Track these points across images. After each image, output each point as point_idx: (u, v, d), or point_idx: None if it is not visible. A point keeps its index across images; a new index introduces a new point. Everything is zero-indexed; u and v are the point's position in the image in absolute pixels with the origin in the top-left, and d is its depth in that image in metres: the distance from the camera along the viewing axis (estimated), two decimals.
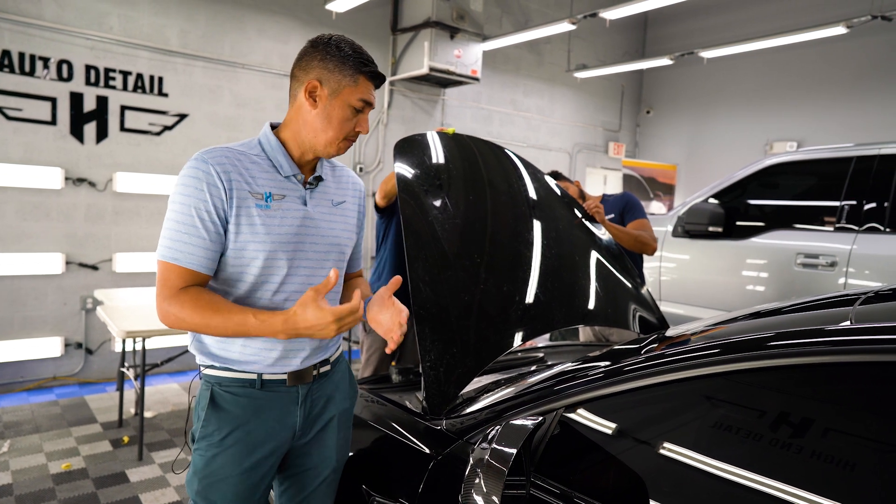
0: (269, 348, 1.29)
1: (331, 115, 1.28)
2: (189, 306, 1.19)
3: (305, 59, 1.29)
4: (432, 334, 1.57)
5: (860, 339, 0.89)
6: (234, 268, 1.26)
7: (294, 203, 1.30)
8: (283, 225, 1.27)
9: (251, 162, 1.27)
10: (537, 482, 1.13)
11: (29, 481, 2.93)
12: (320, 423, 1.39)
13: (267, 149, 1.31)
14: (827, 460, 0.88)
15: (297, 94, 1.31)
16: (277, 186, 1.29)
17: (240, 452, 1.27)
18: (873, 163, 3.32)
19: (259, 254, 1.25)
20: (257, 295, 1.28)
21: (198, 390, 1.34)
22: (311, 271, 1.34)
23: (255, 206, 1.24)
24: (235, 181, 1.23)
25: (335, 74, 1.27)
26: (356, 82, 1.29)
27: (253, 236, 1.24)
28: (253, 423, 1.28)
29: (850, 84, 6.48)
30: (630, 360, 1.20)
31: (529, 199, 2.20)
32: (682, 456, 1.04)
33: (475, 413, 1.43)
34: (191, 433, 1.32)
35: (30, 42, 4.07)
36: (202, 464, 1.27)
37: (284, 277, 1.29)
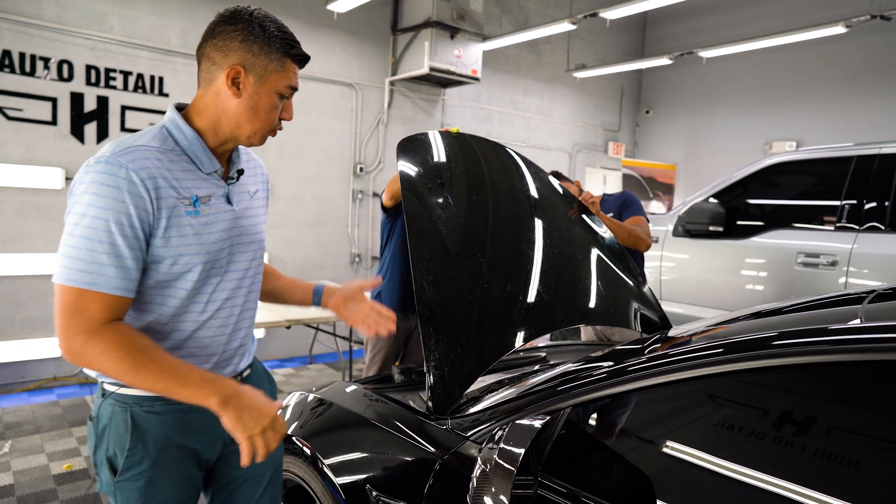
0: (201, 362, 1.19)
1: (257, 105, 1.14)
2: (120, 349, 1.01)
3: (222, 38, 1.12)
4: (436, 334, 1.57)
5: (872, 336, 0.89)
6: (163, 285, 1.11)
7: (220, 203, 1.17)
8: (215, 231, 1.15)
9: (171, 161, 1.10)
10: (544, 482, 1.14)
11: (30, 482, 2.93)
12: None
13: (182, 142, 1.13)
14: (839, 460, 0.89)
15: (213, 78, 1.13)
16: (202, 187, 1.14)
17: (175, 470, 1.17)
18: (874, 162, 3.32)
19: (194, 266, 1.11)
20: (189, 309, 1.15)
21: (102, 411, 1.16)
22: (242, 273, 1.24)
23: (186, 213, 1.09)
24: (163, 188, 1.06)
25: (261, 59, 1.12)
26: (283, 67, 1.15)
27: (186, 248, 1.09)
28: (182, 439, 1.17)
29: (849, 83, 6.49)
30: (636, 360, 1.21)
31: (532, 198, 2.20)
32: (689, 455, 1.04)
33: (480, 413, 1.43)
34: (105, 459, 1.15)
35: (30, 42, 4.07)
36: (136, 495, 1.14)
37: (216, 286, 1.17)
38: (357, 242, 5.90)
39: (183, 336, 1.16)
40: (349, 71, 5.67)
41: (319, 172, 5.58)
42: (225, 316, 1.21)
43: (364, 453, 1.56)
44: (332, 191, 5.70)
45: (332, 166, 5.67)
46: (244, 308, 1.27)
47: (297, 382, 4.80)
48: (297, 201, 5.46)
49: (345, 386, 1.92)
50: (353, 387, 1.90)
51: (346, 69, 5.65)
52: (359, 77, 5.73)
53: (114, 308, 1.04)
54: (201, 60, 1.16)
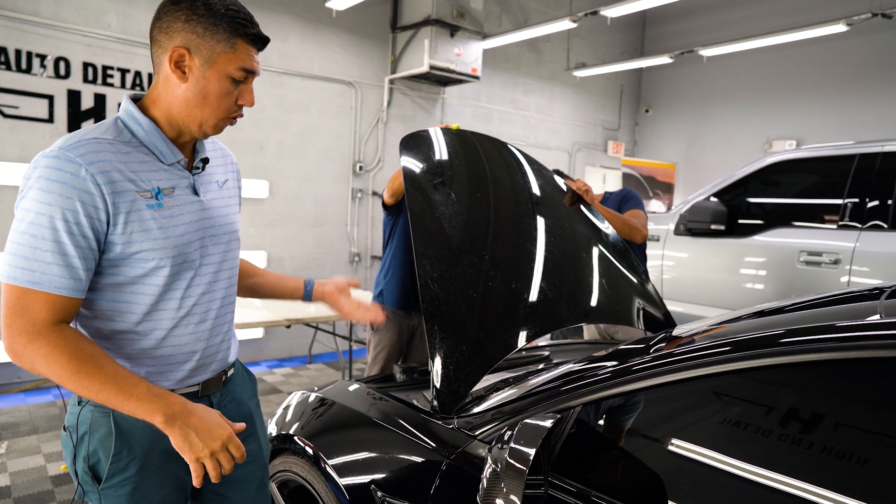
0: (182, 360, 1.15)
1: (206, 89, 1.06)
2: (61, 353, 0.96)
3: (166, 19, 1.05)
4: (441, 332, 1.55)
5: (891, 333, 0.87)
6: (129, 283, 1.06)
7: (185, 195, 1.11)
8: (181, 224, 1.09)
9: (127, 153, 1.04)
10: (554, 481, 1.11)
11: (27, 483, 2.89)
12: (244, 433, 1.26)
13: (139, 133, 1.07)
14: (853, 458, 0.86)
15: (161, 63, 1.06)
16: (163, 178, 1.08)
17: (163, 476, 1.13)
18: (876, 160, 3.31)
19: (161, 261, 1.06)
20: (163, 307, 1.09)
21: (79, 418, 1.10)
22: (216, 267, 1.18)
23: (147, 207, 1.03)
24: (118, 181, 1.00)
25: (206, 40, 1.04)
26: (234, 48, 1.06)
27: (151, 243, 1.04)
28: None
29: (850, 82, 6.48)
30: (650, 358, 1.18)
31: (534, 195, 2.18)
32: (700, 455, 1.02)
33: (487, 412, 1.41)
34: (85, 469, 1.09)
35: (26, 39, 4.03)
36: (123, 499, 1.09)
37: (190, 281, 1.12)
38: (356, 241, 5.88)
39: (160, 335, 1.11)
40: (348, 69, 5.64)
41: (318, 171, 5.55)
42: (202, 312, 1.16)
43: (368, 453, 1.53)
44: (332, 190, 5.67)
45: (332, 165, 5.64)
46: (223, 303, 1.22)
47: (296, 382, 4.78)
48: (296, 200, 5.43)
49: (347, 385, 1.89)
50: (355, 386, 1.88)
51: (346, 67, 5.62)
52: (358, 75, 5.70)
53: (59, 309, 0.99)
54: (152, 46, 1.09)
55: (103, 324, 1.08)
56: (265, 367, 5.16)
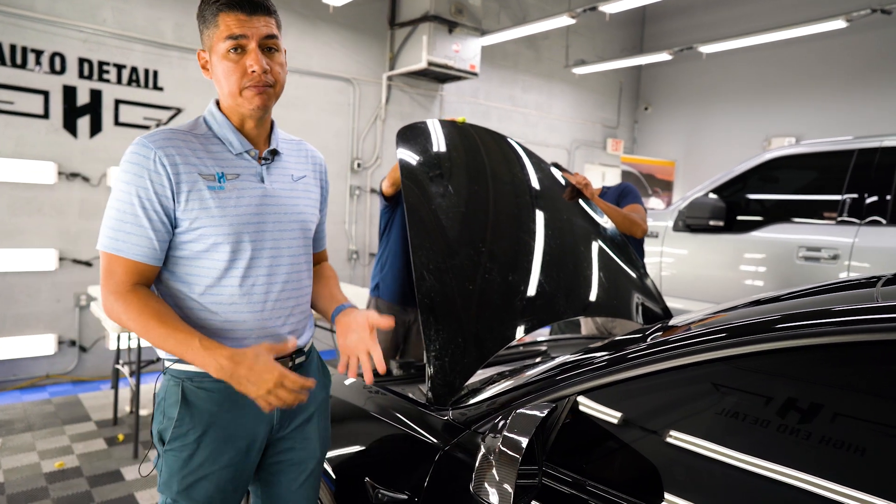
0: (241, 336, 1.22)
1: (218, 74, 1.19)
2: (134, 309, 1.12)
3: None
4: (437, 324, 1.53)
5: (890, 316, 0.86)
6: (195, 257, 1.18)
7: (250, 181, 1.22)
8: (241, 205, 1.19)
9: (198, 142, 1.19)
10: (548, 470, 1.10)
11: (21, 480, 2.87)
12: (301, 416, 1.32)
13: (214, 126, 1.23)
14: (850, 447, 0.85)
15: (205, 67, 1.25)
16: (230, 165, 1.20)
17: (218, 449, 1.20)
18: (875, 156, 3.30)
19: (220, 238, 1.17)
20: (224, 283, 1.19)
21: (161, 386, 1.25)
22: (277, 252, 1.25)
23: (208, 188, 1.16)
24: (182, 165, 1.14)
25: (207, 30, 1.19)
26: (218, 25, 1.17)
27: (209, 220, 1.16)
28: (228, 418, 1.20)
29: (849, 79, 6.47)
30: (640, 347, 1.17)
31: (533, 189, 2.16)
32: (694, 444, 1.01)
33: (482, 403, 1.39)
34: (157, 432, 1.22)
35: (21, 34, 4.01)
36: (178, 465, 1.19)
37: (250, 261, 1.21)
38: (354, 239, 5.86)
39: (220, 309, 1.20)
40: (346, 66, 5.62)
41: None
42: (262, 292, 1.23)
43: (363, 445, 1.52)
44: (329, 187, 5.64)
45: (329, 162, 5.62)
46: (284, 287, 1.27)
47: None
48: None
49: (343, 379, 1.87)
50: (351, 380, 1.86)
51: (343, 64, 5.60)
52: (356, 72, 5.68)
53: (137, 273, 1.15)
54: None
55: (175, 292, 1.21)
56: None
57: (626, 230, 2.70)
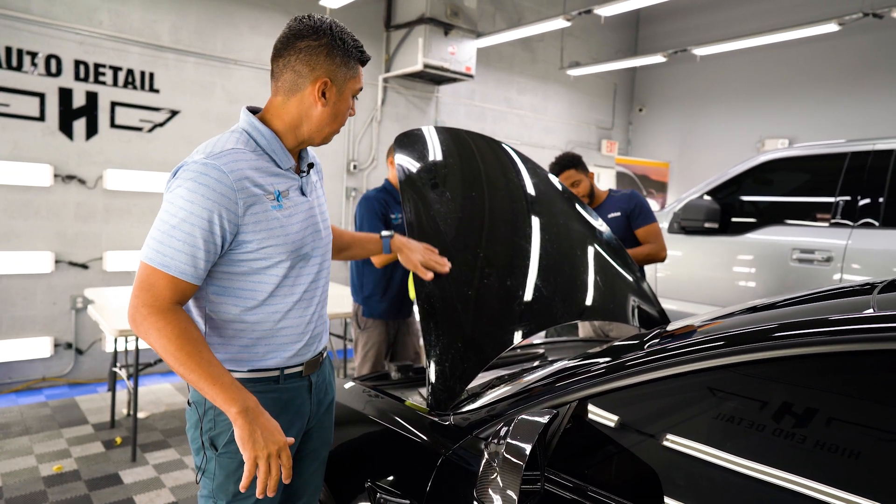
0: (293, 341, 1.30)
1: (338, 110, 1.27)
2: (172, 331, 1.12)
3: (308, 53, 1.22)
4: (437, 329, 1.54)
5: (890, 326, 0.88)
6: (253, 273, 1.22)
7: (297, 195, 1.28)
8: (296, 222, 1.25)
9: (256, 160, 1.22)
10: (550, 476, 1.12)
11: (19, 484, 2.87)
12: (323, 407, 1.43)
13: (262, 142, 1.24)
14: (849, 453, 0.87)
15: (299, 88, 1.24)
16: (281, 182, 1.25)
17: None
18: (868, 158, 3.33)
19: (283, 256, 1.22)
20: (277, 295, 1.25)
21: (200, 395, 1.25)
22: (321, 259, 1.34)
23: (272, 207, 1.20)
24: (250, 187, 1.17)
25: (342, 70, 1.25)
26: (356, 74, 1.28)
27: (276, 240, 1.21)
28: (279, 418, 1.24)
29: (841, 81, 6.52)
30: (639, 354, 1.19)
31: (530, 194, 2.18)
32: (695, 450, 1.03)
33: (483, 408, 1.41)
34: (208, 438, 1.25)
35: (17, 36, 4.00)
36: (235, 465, 1.23)
37: (301, 271, 1.28)
38: None
39: (276, 318, 1.26)
40: None
41: None
42: (310, 298, 1.32)
43: (364, 450, 1.53)
44: (326, 188, 5.64)
45: (326, 164, 5.63)
46: (323, 290, 1.39)
47: None
48: None
49: (342, 383, 1.89)
50: (350, 384, 1.88)
51: None
52: None
53: (178, 291, 1.15)
54: (284, 72, 1.25)
55: (232, 306, 1.24)
56: None
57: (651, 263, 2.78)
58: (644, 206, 2.96)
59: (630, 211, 2.92)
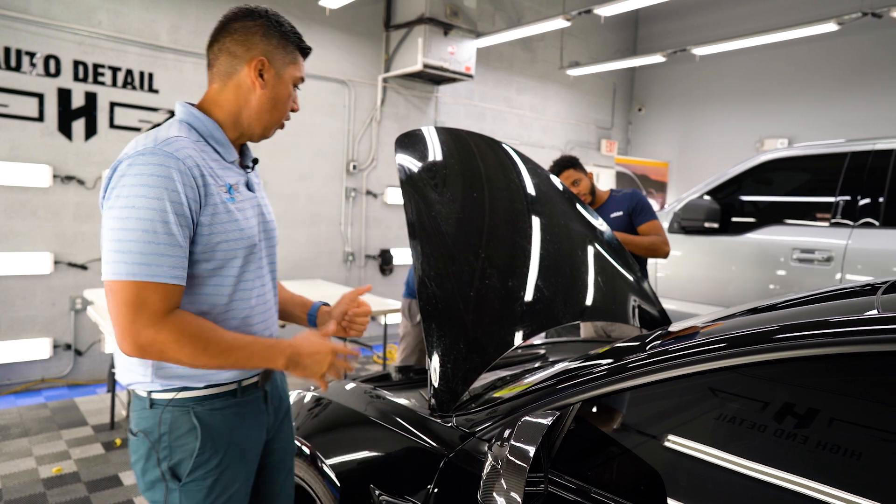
0: None
1: (278, 95, 1.20)
2: (189, 332, 1.03)
3: (243, 33, 1.16)
4: (439, 330, 1.54)
5: (893, 327, 0.88)
6: (214, 272, 1.12)
7: (245, 191, 1.20)
8: (249, 217, 1.18)
9: (202, 150, 1.13)
10: (553, 478, 1.11)
11: (18, 486, 2.86)
12: (280, 416, 1.37)
13: (205, 132, 1.16)
14: (853, 454, 0.87)
15: (234, 71, 1.17)
16: (230, 175, 1.17)
17: (237, 467, 1.20)
18: (868, 158, 3.33)
19: (235, 252, 1.13)
20: (238, 297, 1.17)
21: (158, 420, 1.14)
22: (270, 259, 1.28)
23: (226, 200, 1.12)
24: (207, 175, 1.08)
25: (280, 52, 1.19)
26: (296, 60, 1.23)
27: (231, 233, 1.12)
28: (241, 434, 1.20)
29: (840, 81, 6.53)
30: (641, 356, 1.18)
31: (530, 194, 2.18)
32: (699, 451, 1.02)
33: (485, 409, 1.41)
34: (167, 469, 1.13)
35: (16, 37, 3.99)
36: (203, 494, 1.15)
37: (256, 272, 1.21)
38: (350, 241, 5.86)
39: (237, 324, 1.18)
40: (342, 68, 5.62)
41: (312, 170, 5.53)
42: (265, 301, 1.26)
43: (366, 452, 1.53)
44: (325, 189, 5.65)
45: (325, 164, 5.62)
46: (274, 293, 1.32)
47: (291, 382, 4.74)
48: (289, 199, 5.40)
49: (344, 384, 1.88)
50: (351, 385, 1.87)
51: (339, 66, 5.60)
52: (352, 74, 5.68)
53: (173, 296, 1.05)
54: (219, 55, 1.19)
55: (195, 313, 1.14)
56: None
57: (652, 256, 2.77)
58: (645, 203, 2.97)
59: (632, 209, 2.93)
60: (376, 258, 6.04)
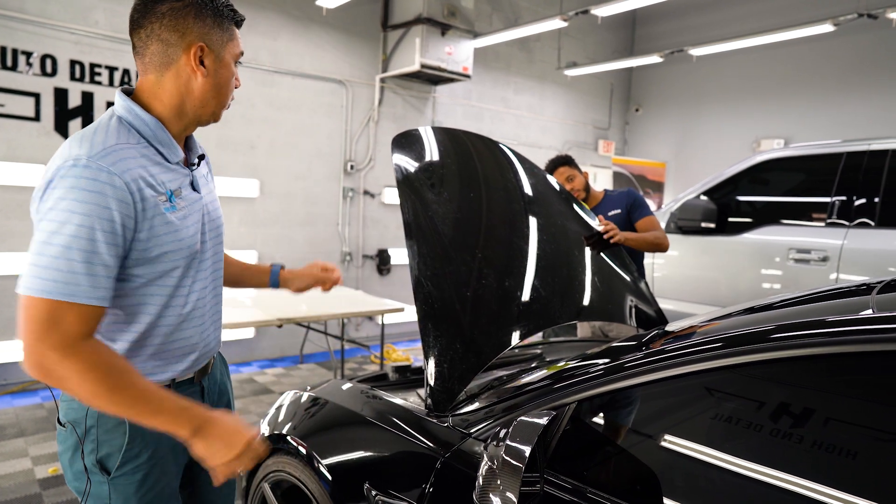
0: (187, 352, 1.18)
1: (221, 79, 1.11)
2: (101, 369, 0.95)
3: (172, 17, 1.05)
4: (435, 330, 1.54)
5: (889, 327, 0.88)
6: (148, 284, 1.07)
7: (189, 192, 1.13)
8: (191, 224, 1.11)
9: (142, 156, 1.05)
10: (548, 477, 1.11)
11: (14, 486, 2.86)
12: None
13: (146, 132, 1.07)
14: (848, 454, 0.87)
15: (172, 60, 1.07)
16: (172, 179, 1.09)
17: (169, 460, 1.17)
18: (863, 159, 3.35)
19: (176, 262, 1.08)
20: (172, 304, 1.11)
21: (79, 415, 1.10)
22: (212, 260, 1.22)
23: (165, 210, 1.05)
24: (144, 189, 1.02)
25: (217, 32, 1.09)
26: (233, 36, 1.13)
27: (170, 245, 1.06)
28: None
29: (836, 81, 6.55)
30: (638, 356, 1.19)
31: (528, 195, 2.18)
32: (695, 451, 1.03)
33: (481, 409, 1.41)
34: (92, 463, 1.10)
35: (12, 36, 3.97)
36: (133, 488, 1.11)
37: (195, 277, 1.15)
38: (348, 241, 5.86)
39: (168, 332, 1.13)
40: (339, 68, 5.62)
41: (309, 170, 5.52)
42: (202, 306, 1.19)
43: (362, 452, 1.53)
44: (323, 189, 5.64)
45: (323, 164, 5.62)
46: (214, 294, 1.25)
47: (287, 382, 4.75)
48: (287, 199, 5.40)
49: (340, 384, 1.88)
50: (348, 385, 1.87)
51: (336, 66, 5.60)
52: (349, 74, 5.68)
53: (90, 319, 0.98)
54: (149, 43, 1.07)
55: (122, 325, 1.08)
56: (256, 367, 5.13)
57: (654, 251, 2.79)
58: (641, 199, 2.99)
59: (629, 206, 2.94)
60: (374, 258, 6.04)
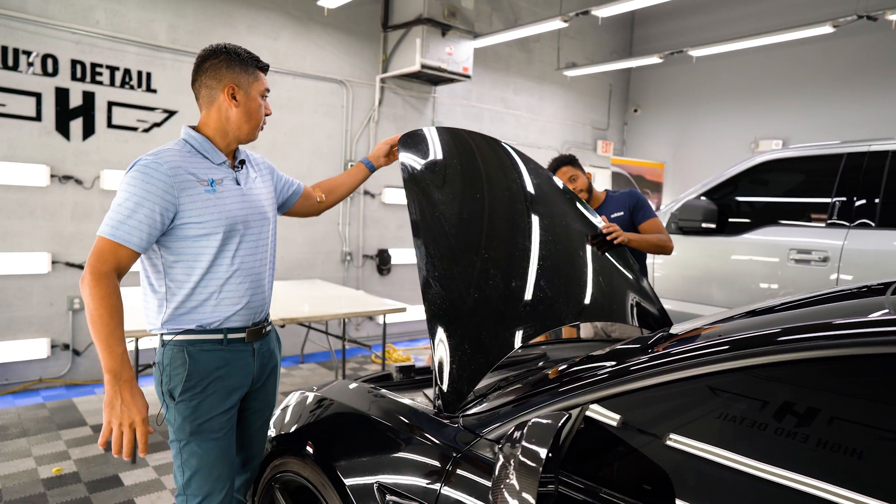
0: (234, 303, 1.59)
1: (250, 109, 1.62)
2: (100, 297, 1.39)
3: (211, 70, 1.57)
4: (444, 331, 1.55)
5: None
6: (196, 240, 1.53)
7: (231, 184, 1.61)
8: (229, 203, 1.57)
9: (191, 158, 1.56)
10: (563, 479, 1.12)
11: (18, 486, 2.86)
12: (266, 372, 1.73)
13: (196, 146, 1.59)
14: (859, 454, 0.88)
15: (214, 99, 1.59)
16: (216, 173, 1.59)
17: (220, 397, 1.57)
18: (863, 160, 3.36)
19: (215, 228, 1.53)
20: (219, 263, 1.56)
21: (163, 355, 1.55)
22: (257, 238, 1.65)
23: (205, 190, 1.53)
24: (183, 174, 1.50)
25: (244, 76, 1.60)
26: (257, 77, 1.63)
27: (209, 214, 1.52)
28: (224, 373, 1.57)
29: (835, 82, 6.58)
30: (646, 358, 1.20)
31: (534, 196, 2.19)
32: (707, 452, 1.04)
33: (491, 410, 1.42)
34: (166, 391, 1.54)
35: (13, 36, 3.97)
36: (189, 411, 1.53)
37: (238, 246, 1.59)
38: (348, 241, 5.86)
39: (218, 283, 1.57)
40: (340, 68, 5.62)
41: (310, 170, 5.52)
42: (249, 268, 1.62)
43: (372, 453, 1.53)
44: None
45: (323, 164, 5.62)
46: (260, 266, 1.67)
47: (289, 382, 4.75)
48: None
49: (347, 384, 1.89)
50: (354, 385, 1.88)
51: (337, 66, 5.60)
52: (349, 74, 5.68)
53: (120, 257, 1.44)
54: (201, 90, 1.60)
55: (183, 273, 1.54)
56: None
57: (659, 253, 2.79)
58: (644, 201, 2.99)
59: (633, 207, 2.94)
60: (374, 258, 6.04)
